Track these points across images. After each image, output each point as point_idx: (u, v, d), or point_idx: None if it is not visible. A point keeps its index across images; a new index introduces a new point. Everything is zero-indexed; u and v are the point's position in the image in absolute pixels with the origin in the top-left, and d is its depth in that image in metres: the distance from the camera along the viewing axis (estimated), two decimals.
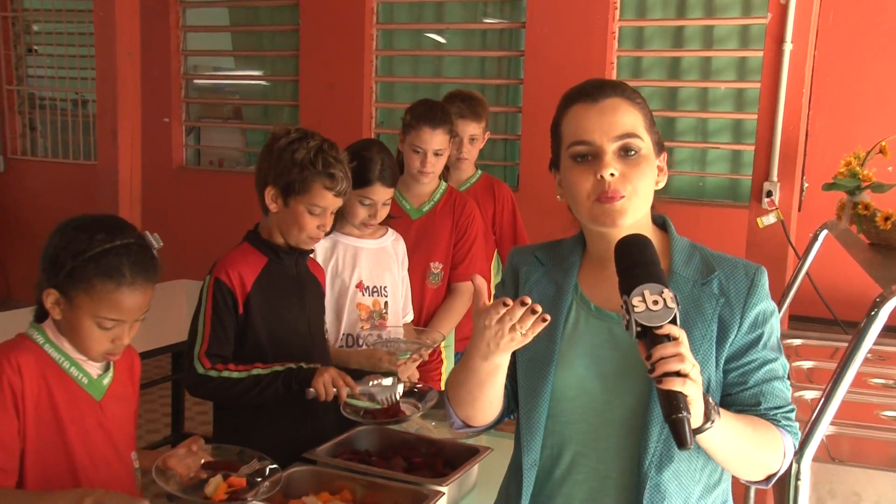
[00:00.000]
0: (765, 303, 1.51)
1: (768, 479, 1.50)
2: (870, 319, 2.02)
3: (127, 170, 5.22)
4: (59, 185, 7.68)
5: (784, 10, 4.01)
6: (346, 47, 6.55)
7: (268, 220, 2.50)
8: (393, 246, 2.96)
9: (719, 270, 1.52)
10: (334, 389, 2.28)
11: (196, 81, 7.57)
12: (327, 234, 2.78)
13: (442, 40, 6.57)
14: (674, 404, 1.23)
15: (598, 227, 1.52)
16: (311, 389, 2.27)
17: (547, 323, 1.39)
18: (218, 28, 7.51)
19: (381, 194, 2.78)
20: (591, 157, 1.48)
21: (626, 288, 1.30)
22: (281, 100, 7.16)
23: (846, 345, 2.06)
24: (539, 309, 1.37)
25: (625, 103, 1.51)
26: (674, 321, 1.27)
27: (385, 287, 2.88)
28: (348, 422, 2.41)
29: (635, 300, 1.27)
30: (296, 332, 2.53)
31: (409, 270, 3.03)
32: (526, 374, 1.58)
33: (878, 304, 2.01)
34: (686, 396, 1.23)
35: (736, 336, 1.48)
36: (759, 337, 1.49)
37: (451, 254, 3.19)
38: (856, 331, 2.05)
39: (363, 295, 2.84)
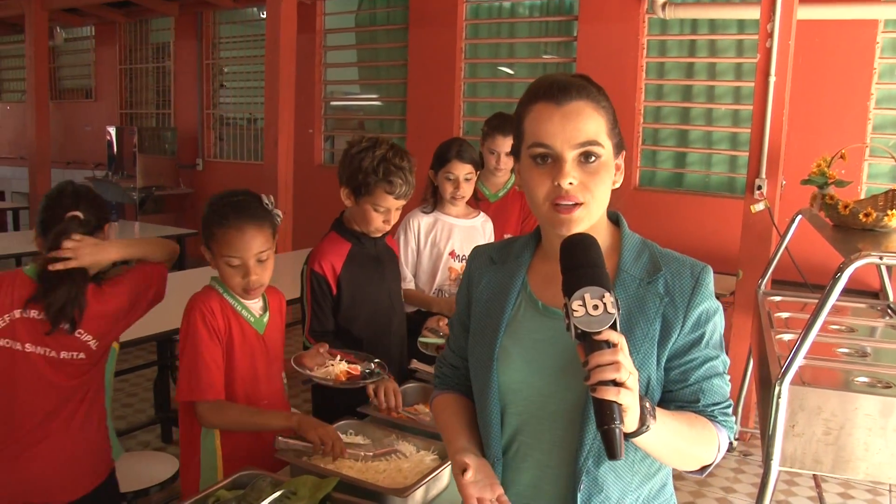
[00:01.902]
0: (708, 302, 1.16)
1: (703, 469, 1.19)
2: (835, 280, 2.04)
3: (283, 167, 5.33)
4: (237, 179, 7.89)
5: (769, 52, 3.96)
6: (441, 77, 6.57)
7: (349, 210, 2.32)
8: (482, 225, 2.90)
9: (665, 269, 1.17)
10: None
11: (332, 103, 7.67)
12: (428, 212, 2.80)
13: (511, 71, 6.53)
14: (607, 414, 0.94)
15: (552, 229, 1.18)
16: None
17: None
18: (348, 64, 7.57)
19: (459, 169, 2.69)
20: (552, 161, 1.13)
21: (568, 290, 1.00)
22: (393, 115, 7.20)
23: (814, 301, 2.07)
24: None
25: (589, 107, 1.13)
26: (613, 326, 0.97)
27: None
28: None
29: (575, 304, 0.97)
30: (378, 302, 2.33)
31: (488, 240, 3.00)
32: (475, 371, 1.26)
33: (841, 269, 2.04)
34: (620, 405, 0.95)
35: (679, 335, 1.14)
36: (702, 336, 1.15)
37: (520, 227, 3.17)
38: (826, 289, 2.06)
39: (454, 260, 2.81)
